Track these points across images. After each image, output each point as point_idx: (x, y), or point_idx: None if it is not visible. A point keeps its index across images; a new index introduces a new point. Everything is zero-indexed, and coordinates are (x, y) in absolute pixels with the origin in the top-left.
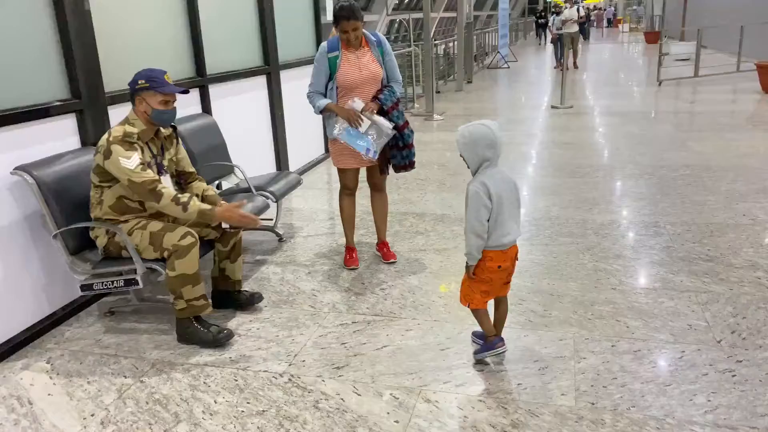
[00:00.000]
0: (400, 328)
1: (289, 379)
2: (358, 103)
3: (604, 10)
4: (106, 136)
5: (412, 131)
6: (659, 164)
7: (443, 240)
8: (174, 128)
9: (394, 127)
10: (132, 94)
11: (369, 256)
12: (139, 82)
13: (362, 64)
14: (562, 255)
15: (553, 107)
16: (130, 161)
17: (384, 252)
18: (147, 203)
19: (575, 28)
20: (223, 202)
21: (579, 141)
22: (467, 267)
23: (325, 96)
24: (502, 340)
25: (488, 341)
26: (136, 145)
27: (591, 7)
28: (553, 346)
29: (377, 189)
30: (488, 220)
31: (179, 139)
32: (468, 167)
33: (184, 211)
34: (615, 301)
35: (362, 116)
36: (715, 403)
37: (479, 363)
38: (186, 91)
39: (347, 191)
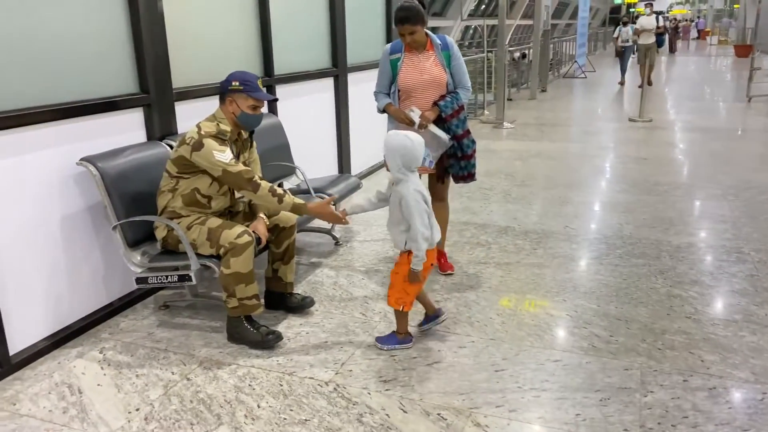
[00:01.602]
0: (453, 344)
1: (335, 389)
2: (415, 112)
3: (693, 21)
4: (195, 129)
5: (473, 141)
6: (745, 185)
7: (505, 254)
8: (251, 132)
9: (453, 137)
10: (223, 93)
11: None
12: (233, 83)
13: (424, 68)
14: (633, 277)
15: (630, 120)
16: (224, 155)
17: (441, 263)
18: (239, 192)
19: (652, 39)
20: (262, 215)
21: (657, 156)
22: (415, 273)
23: (390, 97)
24: (412, 339)
25: (402, 337)
26: (227, 142)
27: (678, 17)
28: (617, 375)
29: (438, 198)
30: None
31: (254, 143)
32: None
33: (279, 203)
34: (689, 331)
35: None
36: None
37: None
38: (276, 99)
39: None
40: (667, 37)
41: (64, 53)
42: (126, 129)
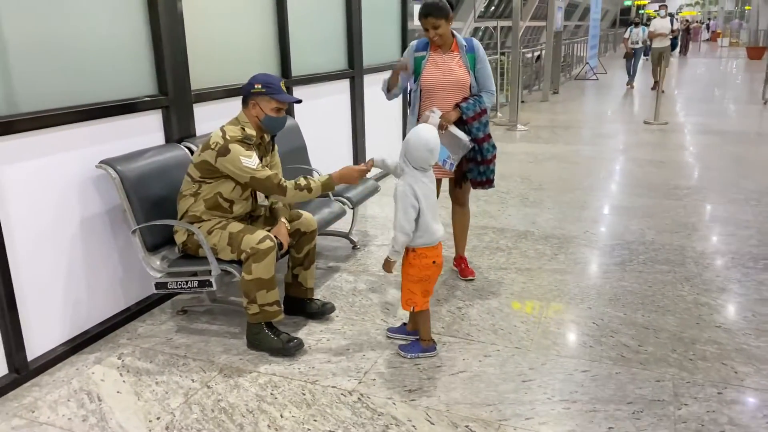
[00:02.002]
0: (477, 352)
1: (359, 399)
2: (435, 113)
3: (703, 23)
4: (220, 134)
5: (494, 146)
6: (767, 190)
7: (526, 259)
8: (273, 135)
9: (473, 140)
10: (246, 96)
11: (445, 271)
12: (256, 86)
13: (447, 69)
14: (658, 284)
15: (646, 123)
16: (251, 160)
17: (462, 268)
18: (270, 197)
19: (666, 42)
20: (283, 219)
21: (675, 160)
22: (387, 266)
23: (409, 101)
24: (436, 346)
25: (426, 344)
26: (252, 147)
27: (688, 19)
28: (648, 387)
29: (458, 203)
30: (416, 220)
31: (275, 147)
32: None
33: (310, 193)
34: (720, 341)
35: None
36: None
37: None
38: (299, 101)
39: None
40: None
41: (84, 55)
42: (144, 131)
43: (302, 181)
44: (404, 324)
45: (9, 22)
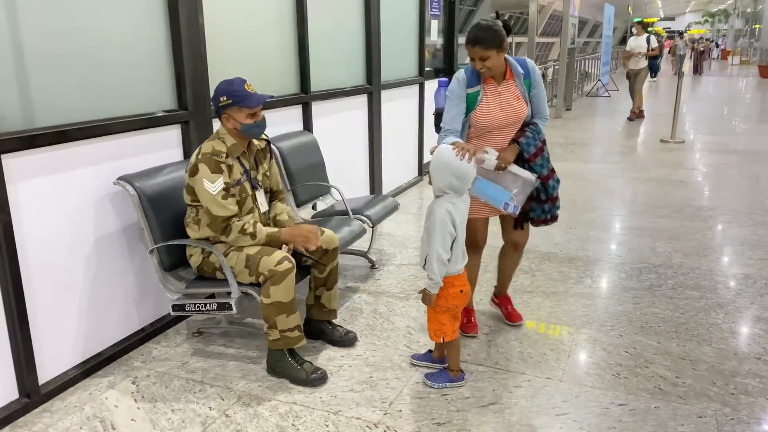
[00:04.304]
0: (507, 382)
1: (385, 431)
2: (491, 154)
3: (712, 41)
4: (196, 151)
5: (558, 181)
6: None
7: (551, 282)
8: (268, 141)
9: (537, 178)
10: (217, 111)
11: None
12: (221, 99)
13: (504, 103)
14: (691, 311)
15: (662, 141)
16: (214, 185)
17: (509, 311)
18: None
19: (642, 63)
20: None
21: (695, 179)
22: (428, 298)
23: (460, 133)
24: (464, 376)
25: (454, 374)
26: (223, 165)
27: (697, 37)
28: (691, 423)
29: (514, 247)
30: (451, 248)
31: (272, 153)
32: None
33: (253, 239)
34: (761, 374)
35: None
36: None
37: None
38: (272, 97)
39: (473, 248)
40: (689, 58)
41: (103, 69)
42: (163, 146)
43: (249, 227)
44: (429, 351)
45: (27, 35)
